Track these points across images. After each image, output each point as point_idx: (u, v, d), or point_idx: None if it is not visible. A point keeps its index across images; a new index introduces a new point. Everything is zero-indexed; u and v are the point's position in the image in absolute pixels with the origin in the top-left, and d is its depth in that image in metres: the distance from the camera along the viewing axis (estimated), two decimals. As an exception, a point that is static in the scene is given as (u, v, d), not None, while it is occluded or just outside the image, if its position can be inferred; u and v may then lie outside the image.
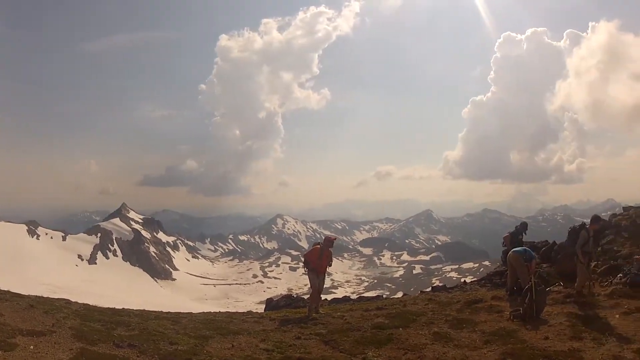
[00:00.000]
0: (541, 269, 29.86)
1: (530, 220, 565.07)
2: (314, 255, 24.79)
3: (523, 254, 25.35)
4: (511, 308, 23.34)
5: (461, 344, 18.97)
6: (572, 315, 21.79)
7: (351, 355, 17.89)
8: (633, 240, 31.10)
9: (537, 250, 32.88)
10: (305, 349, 18.22)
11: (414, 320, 22.29)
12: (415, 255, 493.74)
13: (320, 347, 18.59)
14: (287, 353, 17.66)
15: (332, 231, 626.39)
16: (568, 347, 17.83)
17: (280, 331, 20.95)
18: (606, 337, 18.77)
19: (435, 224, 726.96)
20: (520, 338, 19.22)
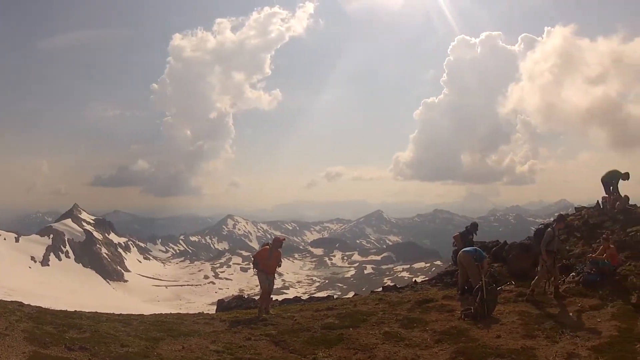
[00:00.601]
0: (492, 269, 29.89)
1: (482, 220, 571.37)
2: (263, 255, 24.61)
3: (473, 253, 25.49)
4: (462, 307, 23.44)
5: (412, 343, 18.96)
6: (524, 313, 21.94)
7: (301, 355, 17.79)
8: (585, 240, 31.21)
9: (488, 250, 32.93)
10: (256, 350, 18.07)
11: (364, 320, 22.20)
12: (366, 255, 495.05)
13: (271, 348, 18.44)
14: (237, 354, 17.48)
15: (283, 232, 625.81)
16: (521, 345, 17.94)
17: (231, 332, 20.67)
18: (560, 335, 18.98)
19: (386, 224, 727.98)
20: (472, 337, 19.28)
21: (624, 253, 27.43)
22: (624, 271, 25.47)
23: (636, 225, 30.02)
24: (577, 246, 30.43)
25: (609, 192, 33.74)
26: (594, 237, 30.21)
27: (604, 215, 33.38)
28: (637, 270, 25.51)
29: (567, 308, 22.53)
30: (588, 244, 30.06)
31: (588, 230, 32.07)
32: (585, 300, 23.14)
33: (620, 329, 19.28)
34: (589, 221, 33.05)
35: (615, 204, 33.10)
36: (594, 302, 22.90)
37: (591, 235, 31.14)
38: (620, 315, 20.84)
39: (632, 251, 27.57)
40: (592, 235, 30.86)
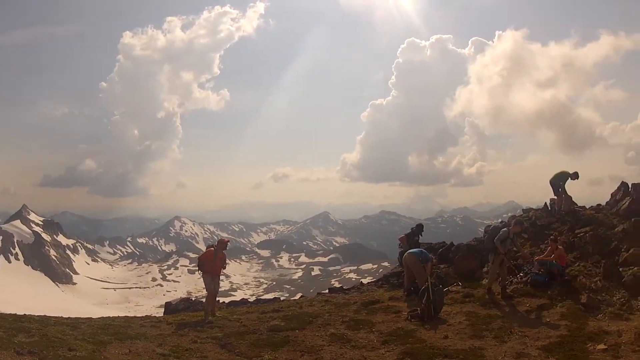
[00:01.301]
0: (439, 270, 30.11)
1: (430, 222, 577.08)
2: (208, 257, 24.28)
3: (419, 255, 25.60)
4: (409, 308, 23.39)
5: (359, 344, 18.81)
6: (471, 314, 22.01)
7: (247, 358, 17.49)
8: (533, 241, 31.62)
9: (435, 251, 33.32)
10: (202, 353, 17.70)
11: (310, 322, 22.07)
12: (313, 256, 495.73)
13: (217, 351, 18.07)
14: (183, 357, 17.16)
15: (230, 233, 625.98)
16: (469, 345, 17.89)
17: (177, 335, 20.25)
18: (508, 335, 19.00)
19: (333, 225, 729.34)
20: (419, 337, 19.20)
21: (572, 254, 27.89)
22: (573, 271, 25.83)
23: (585, 226, 30.45)
24: (525, 247, 30.53)
25: (557, 194, 34.12)
26: (542, 238, 30.65)
27: (552, 216, 34.00)
28: (587, 271, 25.91)
29: (516, 308, 22.68)
30: (536, 245, 30.48)
31: (536, 232, 32.50)
32: (533, 301, 23.32)
33: (571, 328, 19.45)
34: (537, 222, 33.59)
35: (560, 206, 33.43)
36: (543, 302, 23.06)
37: (539, 236, 31.58)
38: (570, 315, 21.03)
39: (581, 252, 28.00)
40: (540, 237, 31.31)
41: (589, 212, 33.49)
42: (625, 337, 18.11)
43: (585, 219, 31.80)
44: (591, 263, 26.81)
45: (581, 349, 17.25)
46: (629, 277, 23.99)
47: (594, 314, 21.33)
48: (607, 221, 31.13)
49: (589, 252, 27.78)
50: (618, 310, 21.53)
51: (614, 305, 22.09)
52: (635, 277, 23.81)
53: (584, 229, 30.13)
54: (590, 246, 28.05)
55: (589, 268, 26.31)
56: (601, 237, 28.41)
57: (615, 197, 34.72)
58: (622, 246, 27.25)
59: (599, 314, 21.38)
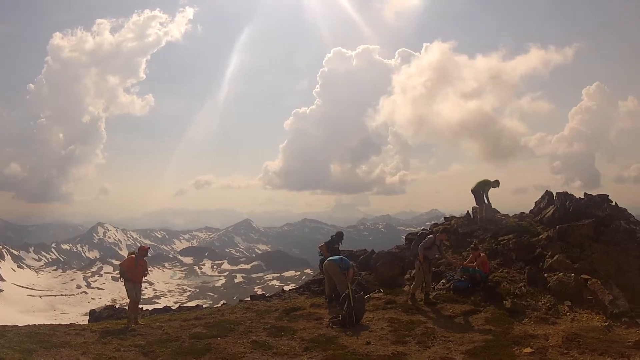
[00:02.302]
0: (360, 277, 30.12)
1: (352, 229, 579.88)
2: (129, 265, 23.84)
3: (339, 262, 25.43)
4: (330, 315, 23.34)
5: (280, 351, 18.59)
6: (394, 320, 21.99)
7: (170, 366, 17.17)
8: (455, 248, 31.95)
9: (356, 258, 33.31)
10: (125, 361, 17.40)
11: (232, 329, 21.76)
12: (236, 264, 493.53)
13: (140, 359, 17.73)
14: (107, 365, 16.73)
15: (152, 240, 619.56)
16: (392, 351, 17.81)
17: (101, 343, 19.72)
18: (432, 340, 19.03)
19: (255, 233, 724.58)
20: (341, 344, 19.09)
21: (495, 260, 28.30)
22: (497, 278, 26.16)
23: (508, 234, 30.83)
24: (447, 254, 30.67)
25: (479, 202, 34.52)
26: (464, 245, 30.94)
27: (474, 224, 34.37)
28: (510, 277, 26.29)
29: (439, 314, 22.83)
30: (458, 253, 30.79)
31: (458, 239, 32.85)
32: (457, 307, 23.54)
33: (496, 332, 19.69)
34: (459, 230, 33.89)
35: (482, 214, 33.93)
36: (467, 307, 23.29)
37: (461, 244, 31.92)
38: (494, 320, 21.29)
39: (504, 259, 28.46)
40: (462, 244, 31.62)
41: (512, 220, 34.22)
42: (553, 340, 18.40)
43: (508, 227, 32.39)
44: (515, 269, 27.23)
45: (507, 352, 17.45)
46: (554, 283, 24.41)
47: (519, 319, 21.61)
48: (530, 229, 31.72)
49: (512, 259, 28.22)
50: (544, 315, 21.89)
51: (539, 310, 22.43)
52: (560, 282, 24.27)
53: (507, 236, 30.54)
54: (513, 253, 28.45)
55: (512, 274, 26.70)
56: (525, 244, 28.78)
57: (539, 206, 35.24)
58: (546, 253, 27.63)
59: (525, 318, 21.69)
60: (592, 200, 33.16)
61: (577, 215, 30.74)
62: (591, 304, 23.12)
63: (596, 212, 31.36)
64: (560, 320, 21.46)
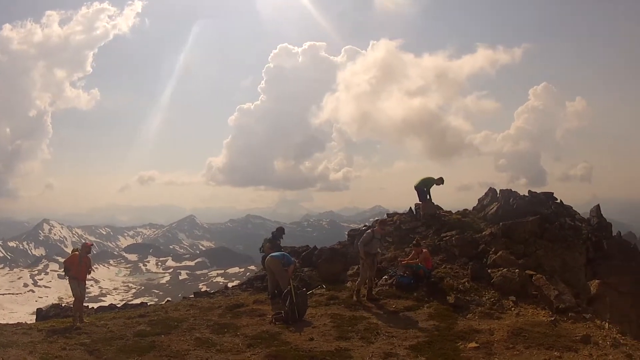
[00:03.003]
0: (302, 273, 30.12)
1: (296, 226, 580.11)
2: (73, 262, 23.45)
3: (281, 258, 25.27)
4: (273, 311, 23.22)
5: (224, 348, 18.37)
6: (337, 316, 21.94)
7: (115, 364, 16.95)
8: (397, 244, 32.17)
9: (298, 254, 33.26)
10: None
11: (175, 327, 21.47)
12: (180, 260, 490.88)
13: (85, 358, 17.36)
14: (53, 365, 16.48)
15: (97, 237, 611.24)
16: (335, 347, 17.71)
17: (47, 342, 19.30)
18: (375, 335, 18.96)
19: (199, 229, 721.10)
20: (284, 340, 18.94)
21: (438, 256, 28.56)
22: (440, 273, 26.32)
23: (451, 230, 31.18)
24: (390, 250, 31.25)
25: (422, 199, 34.72)
26: (407, 241, 31.00)
27: (416, 220, 34.46)
28: (453, 273, 26.52)
29: (382, 310, 22.83)
30: (401, 249, 30.96)
31: (400, 235, 33.01)
32: (400, 302, 23.62)
33: (440, 328, 19.78)
34: (402, 226, 34.03)
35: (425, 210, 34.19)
36: (410, 303, 23.39)
37: (403, 240, 32.07)
38: (438, 315, 21.38)
39: (447, 255, 28.74)
40: (405, 240, 31.76)
41: (455, 217, 34.38)
42: (498, 335, 18.57)
43: (451, 223, 32.71)
44: (458, 265, 27.50)
45: (452, 347, 17.55)
46: (498, 278, 24.70)
47: (463, 314, 21.82)
48: (474, 225, 32.28)
49: (455, 255, 28.52)
50: (488, 310, 22.11)
51: (484, 305, 22.66)
52: (504, 278, 24.55)
53: (449, 232, 30.88)
54: (456, 249, 28.76)
55: (456, 270, 26.94)
56: (468, 240, 29.13)
57: (482, 203, 35.70)
58: (490, 249, 28.00)
59: (469, 313, 21.90)
60: (536, 198, 33.62)
61: (521, 212, 31.18)
62: (536, 299, 23.46)
63: (540, 209, 31.78)
64: (505, 315, 21.71)
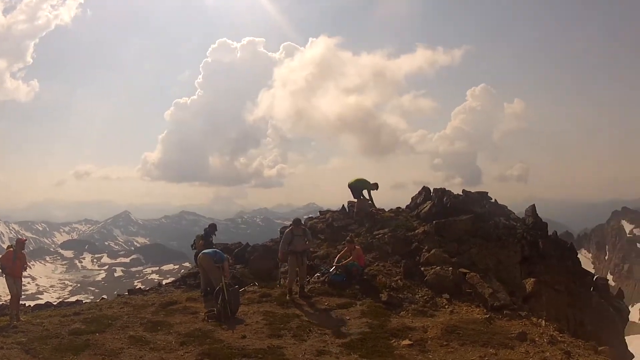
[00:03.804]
0: (235, 270, 30.11)
1: (230, 222, 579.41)
2: (7, 259, 23.06)
3: (213, 255, 25.18)
4: (206, 309, 23.09)
5: (157, 346, 18.24)
6: (269, 314, 21.96)
7: (50, 363, 16.76)
8: (329, 242, 32.38)
9: (231, 251, 33.28)
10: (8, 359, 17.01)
11: (110, 325, 21.18)
12: (116, 257, 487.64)
13: (22, 357, 17.02)
14: (-12, 364, 16.20)
15: (34, 232, 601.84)
16: (267, 344, 17.74)
17: (-17, 341, 19.48)
18: (307, 333, 19.08)
19: (134, 225, 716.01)
20: (217, 338, 18.90)
21: (371, 254, 28.71)
22: (373, 271, 26.56)
23: (383, 228, 31.54)
24: (322, 248, 31.42)
25: (356, 197, 35.10)
26: (339, 239, 31.32)
27: (349, 218, 34.84)
28: (386, 270, 26.82)
29: (314, 307, 22.96)
30: (333, 246, 31.19)
31: (332, 233, 33.27)
32: (332, 300, 23.76)
33: (372, 325, 19.87)
34: (334, 224, 34.21)
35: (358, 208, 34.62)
36: (342, 301, 23.52)
37: (336, 237, 32.36)
38: (370, 313, 21.51)
39: (379, 252, 28.99)
40: (337, 238, 32.07)
41: (388, 215, 34.75)
42: (431, 332, 18.70)
43: (384, 221, 33.01)
44: (391, 263, 27.81)
45: (385, 344, 17.66)
46: (431, 276, 25.05)
47: (396, 311, 22.09)
48: (407, 223, 32.44)
49: (388, 253, 28.85)
50: (422, 308, 22.43)
51: (417, 303, 22.97)
52: (438, 276, 24.91)
53: (382, 230, 31.25)
54: (389, 247, 29.12)
55: (388, 268, 27.24)
56: (401, 238, 29.57)
57: (415, 201, 35.97)
58: (423, 247, 28.32)
59: (402, 311, 22.18)
60: (470, 197, 34.08)
61: (454, 211, 31.57)
62: (470, 297, 23.86)
63: (474, 208, 32.23)
64: (439, 312, 22.01)
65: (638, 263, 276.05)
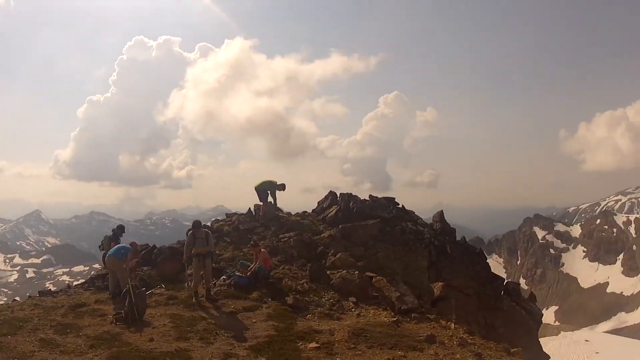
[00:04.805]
0: (142, 272, 29.97)
1: (139, 224, 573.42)
2: None
3: (117, 254, 25.15)
4: (115, 311, 22.74)
5: (67, 349, 17.87)
6: (176, 316, 21.90)
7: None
8: (235, 244, 32.56)
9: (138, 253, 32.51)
10: None
11: (20, 327, 20.57)
12: (27, 258, 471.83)
13: None
14: None
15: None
16: (175, 347, 17.73)
17: None
18: (214, 336, 19.17)
19: (45, 225, 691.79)
20: (125, 341, 18.72)
21: (277, 257, 29.10)
22: (278, 274, 26.85)
23: (289, 231, 32.04)
24: (228, 251, 31.55)
25: (262, 200, 35.48)
26: (245, 242, 31.56)
27: (255, 221, 35.15)
28: (292, 273, 27.19)
29: (221, 310, 23.01)
30: (239, 249, 31.45)
31: (238, 236, 33.51)
32: (239, 303, 23.83)
33: (279, 328, 20.06)
34: (240, 227, 34.51)
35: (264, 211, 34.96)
36: (248, 304, 23.63)
37: (242, 240, 32.59)
38: (277, 316, 21.71)
39: (285, 256, 29.43)
40: (243, 241, 32.31)
41: (294, 218, 35.43)
42: (338, 335, 19.01)
43: (290, 224, 33.58)
44: (297, 266, 28.21)
45: (292, 347, 17.85)
46: (337, 280, 25.53)
47: (303, 315, 22.31)
48: (313, 227, 33.24)
49: (294, 256, 29.27)
50: (328, 311, 22.67)
51: (323, 306, 23.28)
52: (344, 280, 25.41)
53: (288, 233, 31.71)
54: (295, 250, 29.52)
55: (294, 271, 27.61)
56: (306, 242, 30.05)
57: (322, 205, 36.53)
58: (329, 251, 28.89)
59: (308, 314, 22.42)
60: (377, 202, 34.77)
61: (361, 215, 32.23)
62: (377, 300, 24.38)
63: (381, 213, 32.84)
64: (346, 315, 22.32)
65: (551, 268, 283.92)
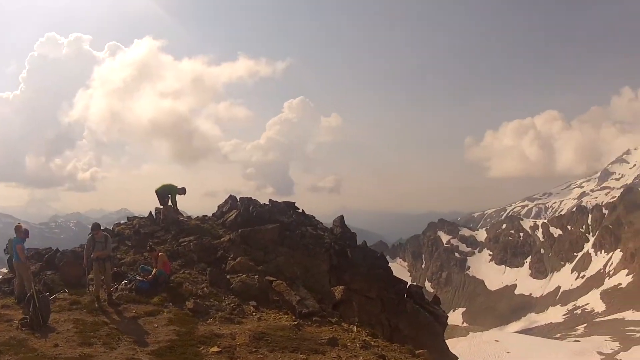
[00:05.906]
0: (45, 276, 29.13)
1: (44, 227, 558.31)
2: None
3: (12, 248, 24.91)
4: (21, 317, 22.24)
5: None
6: (79, 321, 21.64)
7: None
8: (136, 248, 32.30)
9: (42, 256, 32.08)
10: None
11: None
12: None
13: None
14: None
15: None
16: (79, 353, 17.65)
17: None
18: (117, 341, 19.11)
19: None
20: (31, 347, 18.46)
21: (177, 262, 29.07)
22: (179, 278, 26.90)
23: (189, 235, 32.03)
24: (129, 255, 31.37)
25: (163, 204, 35.38)
26: (146, 246, 31.01)
27: (156, 225, 34.99)
28: (192, 278, 27.24)
29: (123, 315, 22.88)
30: (139, 253, 31.23)
31: (139, 240, 33.16)
32: (140, 307, 23.75)
33: (180, 332, 20.24)
34: (141, 231, 34.25)
35: (164, 215, 34.90)
36: (149, 308, 23.60)
37: (142, 244, 32.16)
38: (178, 320, 21.86)
39: (186, 260, 29.42)
40: (143, 244, 31.82)
41: (194, 222, 35.36)
42: (240, 339, 19.36)
43: (190, 228, 33.55)
44: (197, 271, 28.25)
45: (193, 352, 18.06)
46: (237, 284, 25.90)
47: (204, 319, 22.48)
48: (212, 231, 33.37)
49: (194, 260, 29.33)
50: (229, 315, 22.95)
51: (224, 310, 23.52)
52: (244, 284, 25.82)
53: (188, 237, 31.73)
54: (195, 254, 29.59)
55: (194, 275, 27.68)
56: (206, 246, 30.17)
57: (222, 209, 36.72)
58: (228, 255, 29.17)
59: (209, 318, 22.61)
60: (277, 207, 35.19)
61: (260, 220, 32.51)
62: (278, 304, 24.78)
63: (281, 217, 33.20)
64: (247, 319, 22.63)
65: (456, 271, 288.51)
